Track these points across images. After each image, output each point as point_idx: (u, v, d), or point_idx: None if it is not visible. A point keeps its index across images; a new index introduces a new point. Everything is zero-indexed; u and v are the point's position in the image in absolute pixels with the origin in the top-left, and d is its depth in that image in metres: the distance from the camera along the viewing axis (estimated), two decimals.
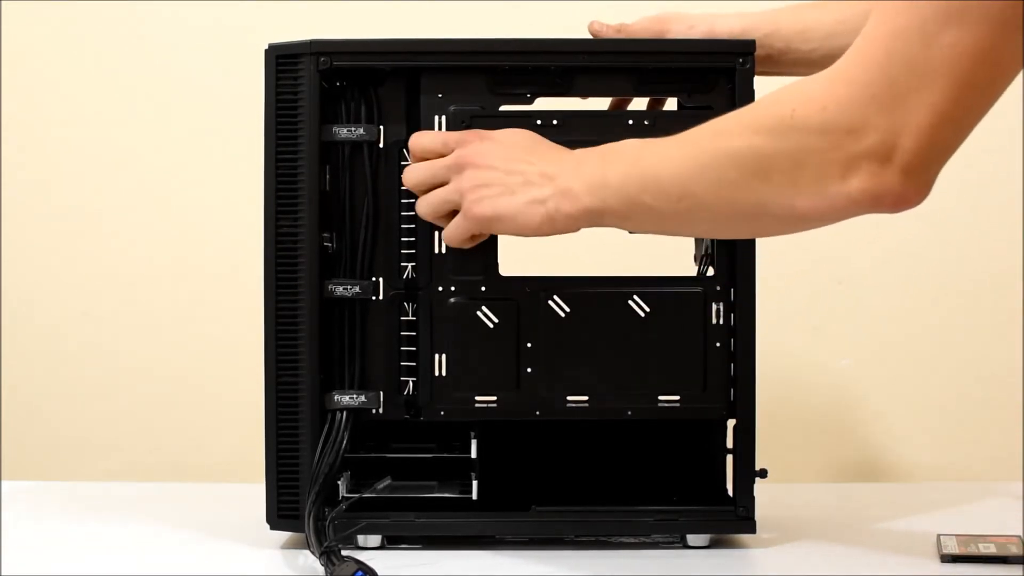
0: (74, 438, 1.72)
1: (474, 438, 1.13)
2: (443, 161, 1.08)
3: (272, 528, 1.13)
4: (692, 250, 1.20)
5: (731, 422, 1.14)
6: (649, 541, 1.15)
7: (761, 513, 1.13)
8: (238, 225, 1.65)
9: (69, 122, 1.71)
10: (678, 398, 1.13)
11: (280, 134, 1.12)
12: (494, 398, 1.13)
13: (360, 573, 0.99)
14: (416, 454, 1.15)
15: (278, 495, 1.12)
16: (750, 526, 1.13)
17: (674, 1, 1.27)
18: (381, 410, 1.13)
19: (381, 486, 1.12)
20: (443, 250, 1.13)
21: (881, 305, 1.70)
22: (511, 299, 1.13)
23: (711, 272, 1.14)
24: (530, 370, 1.13)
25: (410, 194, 1.11)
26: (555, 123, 1.12)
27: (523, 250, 1.18)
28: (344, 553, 1.03)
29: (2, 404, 1.72)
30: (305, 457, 1.12)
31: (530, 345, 1.12)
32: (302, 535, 1.09)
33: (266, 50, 1.12)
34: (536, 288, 1.13)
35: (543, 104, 1.14)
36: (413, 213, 1.11)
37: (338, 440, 1.11)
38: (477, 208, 1.06)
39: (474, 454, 1.13)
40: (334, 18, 1.66)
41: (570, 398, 1.13)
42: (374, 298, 1.13)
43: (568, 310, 1.13)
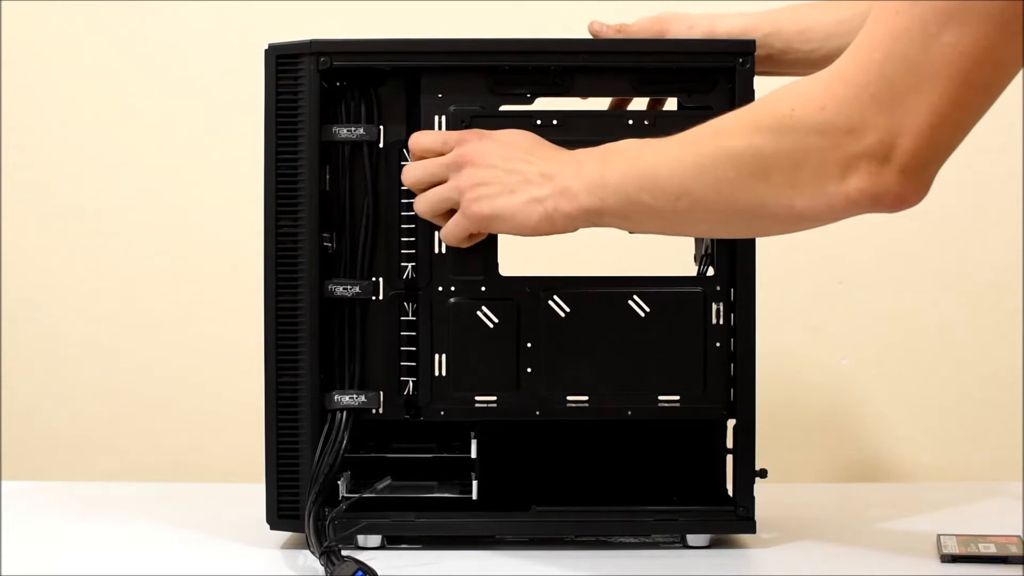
0: (74, 438, 1.71)
1: (474, 438, 1.13)
2: (442, 160, 1.08)
3: (272, 528, 1.13)
4: (692, 250, 1.20)
5: (731, 422, 1.14)
6: (649, 541, 1.15)
7: (761, 513, 1.13)
8: (238, 225, 1.65)
9: (69, 122, 1.71)
10: (678, 398, 1.13)
11: (280, 134, 1.12)
12: (494, 398, 1.13)
13: (360, 573, 0.99)
14: (416, 454, 1.15)
15: (278, 495, 1.12)
16: (750, 526, 1.13)
17: (674, 1, 1.27)
18: (381, 410, 1.13)
19: (381, 486, 1.12)
20: (443, 250, 1.13)
21: (881, 305, 1.69)
22: (511, 299, 1.13)
23: (711, 272, 1.14)
24: (530, 370, 1.12)
25: (410, 194, 1.11)
26: (555, 123, 1.12)
27: (523, 250, 1.18)
28: (344, 553, 1.03)
29: (2, 404, 1.72)
30: (305, 457, 1.12)
31: (530, 345, 1.12)
32: (302, 535, 1.09)
33: (266, 50, 1.12)
34: (536, 288, 1.13)
35: (543, 104, 1.14)
36: (413, 213, 1.11)
37: (338, 440, 1.11)
38: (475, 207, 1.06)
39: (474, 454, 1.13)
40: (334, 18, 1.65)
41: (570, 398, 1.13)
42: (374, 298, 1.13)
43: (568, 310, 1.13)
